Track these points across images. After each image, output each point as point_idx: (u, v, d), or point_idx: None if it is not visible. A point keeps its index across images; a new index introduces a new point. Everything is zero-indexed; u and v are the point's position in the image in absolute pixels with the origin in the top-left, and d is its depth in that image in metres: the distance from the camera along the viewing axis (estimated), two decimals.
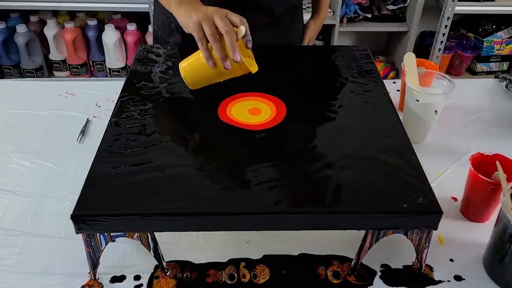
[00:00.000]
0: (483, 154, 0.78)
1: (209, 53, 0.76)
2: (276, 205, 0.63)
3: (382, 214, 0.64)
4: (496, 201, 0.75)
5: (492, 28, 2.23)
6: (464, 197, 0.80)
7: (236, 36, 0.75)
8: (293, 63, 0.98)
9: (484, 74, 2.33)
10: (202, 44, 0.76)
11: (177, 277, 0.70)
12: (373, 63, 0.97)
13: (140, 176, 0.67)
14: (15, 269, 0.71)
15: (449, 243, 0.76)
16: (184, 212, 0.63)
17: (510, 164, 0.75)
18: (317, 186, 0.66)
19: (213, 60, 0.77)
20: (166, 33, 1.10)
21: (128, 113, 0.80)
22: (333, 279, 0.70)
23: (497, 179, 0.72)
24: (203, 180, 0.68)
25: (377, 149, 0.73)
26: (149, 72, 0.92)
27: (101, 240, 0.66)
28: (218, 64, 0.76)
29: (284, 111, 0.81)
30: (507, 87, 1.16)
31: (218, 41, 0.75)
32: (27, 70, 2.14)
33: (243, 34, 0.76)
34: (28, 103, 1.08)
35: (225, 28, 0.74)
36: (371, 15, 2.18)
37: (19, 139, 0.97)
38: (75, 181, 0.82)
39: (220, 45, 0.75)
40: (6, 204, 0.81)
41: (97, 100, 1.09)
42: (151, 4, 1.89)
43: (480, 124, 1.04)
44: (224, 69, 0.76)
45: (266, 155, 0.72)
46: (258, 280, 0.69)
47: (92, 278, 0.69)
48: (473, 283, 0.70)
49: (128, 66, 2.16)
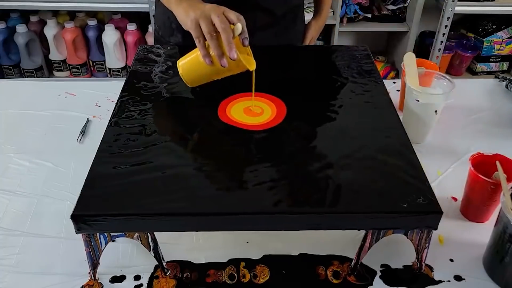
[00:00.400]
0: (483, 154, 0.78)
1: (206, 50, 0.76)
2: (276, 205, 0.63)
3: (382, 214, 0.64)
4: (496, 201, 0.76)
5: (492, 28, 2.23)
6: (464, 197, 0.80)
7: (233, 33, 0.75)
8: (293, 63, 0.98)
9: (484, 74, 2.33)
10: (199, 42, 0.76)
11: (177, 277, 0.70)
12: (373, 63, 0.97)
13: (140, 176, 0.67)
14: (15, 269, 0.71)
15: (449, 243, 0.76)
16: (184, 212, 0.63)
17: (510, 164, 0.75)
18: (317, 186, 0.66)
19: (210, 57, 0.76)
20: (167, 33, 1.10)
21: (128, 113, 0.80)
22: (333, 279, 0.70)
23: (497, 179, 0.72)
24: (203, 180, 0.68)
25: (377, 149, 0.73)
26: (149, 72, 0.92)
27: (101, 240, 0.66)
28: (215, 61, 0.76)
29: (283, 111, 0.81)
30: (507, 87, 1.16)
31: (215, 39, 0.74)
32: (27, 70, 2.14)
33: (239, 31, 0.76)
34: (28, 103, 1.08)
35: (221, 26, 0.74)
36: (371, 15, 2.18)
37: (19, 139, 0.97)
38: (75, 181, 0.82)
39: (217, 43, 0.74)
40: (6, 204, 0.81)
41: (97, 100, 1.09)
42: (151, 4, 1.89)
43: (480, 124, 1.04)
44: (221, 67, 0.76)
45: (266, 155, 0.72)
46: (258, 280, 0.69)
47: (92, 278, 0.69)
48: (473, 283, 0.70)
49: (128, 66, 2.16)
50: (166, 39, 1.11)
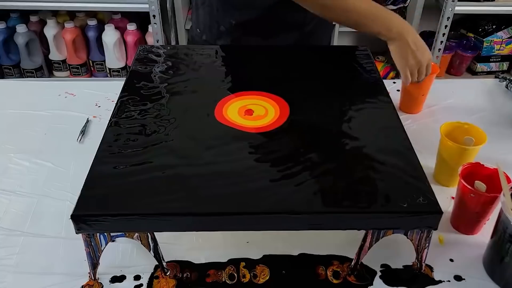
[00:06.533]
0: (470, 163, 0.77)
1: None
2: (276, 205, 0.63)
3: (382, 214, 0.64)
4: (483, 212, 0.74)
5: (492, 28, 2.23)
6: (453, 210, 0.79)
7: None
8: (293, 63, 0.98)
9: (484, 74, 2.33)
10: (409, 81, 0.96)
11: (177, 277, 0.70)
12: (373, 63, 0.97)
13: (140, 176, 0.67)
14: (15, 269, 0.71)
15: (449, 243, 0.76)
16: (184, 212, 0.63)
17: (489, 171, 0.75)
18: (317, 186, 0.66)
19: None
20: (213, 37, 1.09)
21: (128, 113, 0.80)
22: (333, 279, 0.70)
23: (477, 188, 0.73)
24: (203, 180, 0.68)
25: (377, 149, 0.73)
26: (149, 72, 0.92)
27: (101, 240, 0.66)
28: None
29: (284, 111, 0.81)
30: (507, 87, 1.16)
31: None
32: (27, 70, 2.14)
33: None
34: (28, 103, 1.08)
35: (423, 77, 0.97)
36: None
37: (19, 139, 0.97)
38: (75, 181, 0.82)
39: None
40: (6, 204, 0.81)
41: (97, 100, 1.09)
42: (151, 4, 1.89)
43: (480, 124, 1.03)
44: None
45: (266, 155, 0.72)
46: (258, 280, 0.70)
47: (92, 278, 0.69)
48: (473, 283, 0.70)
49: (128, 66, 2.16)
50: (210, 42, 1.10)
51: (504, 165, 0.72)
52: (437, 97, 1.09)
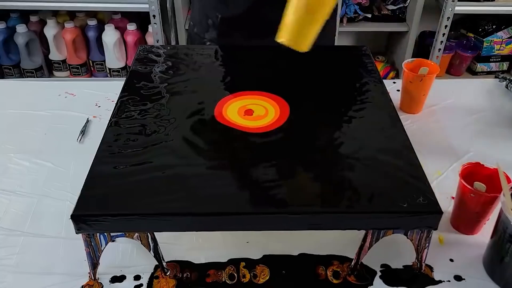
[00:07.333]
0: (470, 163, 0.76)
1: None
2: (276, 205, 0.63)
3: (382, 214, 0.64)
4: (483, 212, 0.74)
5: (492, 28, 2.23)
6: (453, 210, 0.79)
7: None
8: (293, 63, 0.98)
9: (484, 74, 2.33)
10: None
11: (177, 277, 0.70)
12: (373, 63, 0.97)
13: (140, 176, 0.67)
14: (15, 269, 0.71)
15: (449, 243, 0.76)
16: (184, 212, 0.63)
17: (489, 171, 0.75)
18: (317, 186, 0.66)
19: None
20: (202, 30, 1.12)
21: (128, 113, 0.80)
22: (333, 279, 0.70)
23: (477, 189, 0.73)
24: (203, 180, 0.68)
25: (377, 149, 0.73)
26: (149, 72, 0.92)
27: (101, 240, 0.66)
28: None
29: (284, 111, 0.81)
30: (507, 87, 1.16)
31: None
32: (27, 70, 2.14)
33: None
34: (28, 103, 1.08)
35: None
36: (371, 15, 2.18)
37: (19, 139, 0.97)
38: (75, 181, 0.82)
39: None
40: (6, 204, 0.81)
41: (97, 100, 1.09)
42: (151, 4, 1.89)
43: (480, 124, 1.04)
44: None
45: (266, 155, 0.72)
46: (258, 280, 0.70)
47: (92, 278, 0.69)
48: (473, 283, 0.70)
49: (128, 66, 2.16)
50: (201, 36, 1.13)
51: (504, 165, 0.72)
52: (437, 97, 1.09)
